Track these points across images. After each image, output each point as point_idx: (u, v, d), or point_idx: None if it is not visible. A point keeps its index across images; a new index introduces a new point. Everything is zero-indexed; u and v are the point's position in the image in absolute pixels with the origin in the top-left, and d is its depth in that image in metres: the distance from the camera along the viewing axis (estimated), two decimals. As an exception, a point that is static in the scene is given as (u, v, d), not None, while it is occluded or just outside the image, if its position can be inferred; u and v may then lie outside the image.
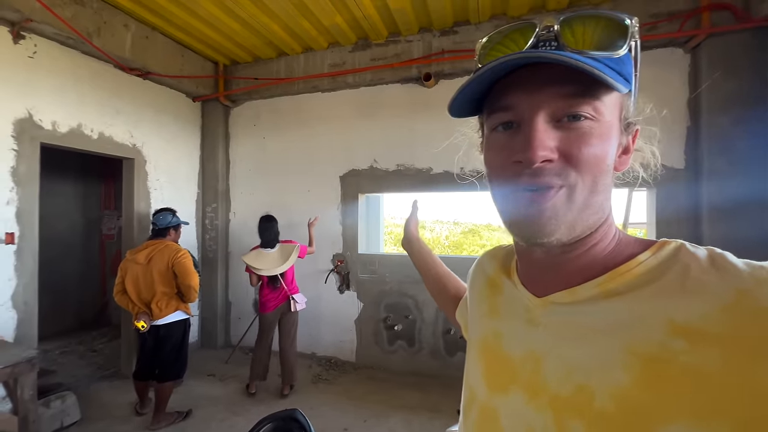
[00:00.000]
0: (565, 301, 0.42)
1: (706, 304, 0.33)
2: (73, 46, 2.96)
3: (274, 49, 3.90)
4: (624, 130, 0.42)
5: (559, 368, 0.40)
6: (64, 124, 2.96)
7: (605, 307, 0.39)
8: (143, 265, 2.56)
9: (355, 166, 3.85)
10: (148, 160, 3.67)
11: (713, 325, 0.32)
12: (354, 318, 3.84)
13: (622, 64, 0.38)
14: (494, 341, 0.49)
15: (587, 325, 0.39)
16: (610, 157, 0.40)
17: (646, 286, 0.37)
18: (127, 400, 3.04)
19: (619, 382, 0.35)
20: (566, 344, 0.40)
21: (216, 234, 4.28)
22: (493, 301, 0.53)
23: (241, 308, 4.30)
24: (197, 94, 4.13)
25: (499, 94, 0.41)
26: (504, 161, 0.41)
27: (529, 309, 0.46)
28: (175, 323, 2.63)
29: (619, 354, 0.36)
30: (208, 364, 3.80)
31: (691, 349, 0.32)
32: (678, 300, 0.34)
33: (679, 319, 0.33)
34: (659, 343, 0.33)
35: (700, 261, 0.36)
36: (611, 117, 0.39)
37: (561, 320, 0.42)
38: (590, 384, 0.37)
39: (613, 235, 0.43)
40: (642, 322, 0.35)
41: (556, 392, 0.40)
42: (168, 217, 2.72)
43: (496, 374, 0.48)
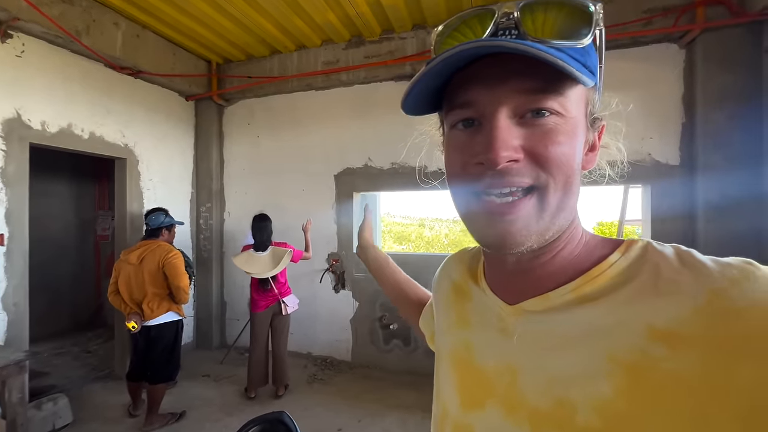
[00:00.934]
0: (538, 308, 0.40)
1: (681, 306, 0.32)
2: (62, 44, 2.92)
3: (267, 47, 3.87)
4: (590, 126, 0.40)
5: (537, 380, 0.38)
6: (54, 123, 2.93)
7: (581, 314, 0.37)
8: (135, 266, 2.53)
9: (350, 164, 3.83)
10: (140, 160, 3.64)
11: (689, 327, 0.31)
12: (349, 317, 3.82)
13: (586, 55, 0.36)
14: (466, 353, 0.47)
15: (564, 334, 0.37)
16: (579, 155, 0.37)
17: (619, 289, 0.36)
18: (120, 402, 3.02)
19: (602, 393, 0.33)
20: (543, 355, 0.38)
21: (210, 234, 4.26)
22: (462, 310, 0.50)
23: (237, 309, 4.28)
24: (190, 92, 4.10)
25: (458, 88, 0.38)
26: (465, 162, 0.38)
27: (502, 318, 0.43)
28: (166, 324, 2.61)
29: (600, 363, 0.34)
30: (203, 364, 3.78)
31: (671, 355, 0.31)
32: (653, 303, 0.33)
33: (658, 324, 0.32)
34: (640, 350, 0.32)
35: (669, 260, 0.35)
36: (577, 112, 0.37)
37: (536, 329, 0.40)
38: (571, 397, 0.35)
39: (580, 236, 0.41)
40: (620, 328, 0.34)
41: (534, 406, 0.38)
42: (160, 217, 2.70)
43: (471, 389, 0.45)
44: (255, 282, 3.02)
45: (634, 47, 2.98)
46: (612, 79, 2.74)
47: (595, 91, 0.40)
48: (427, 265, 3.65)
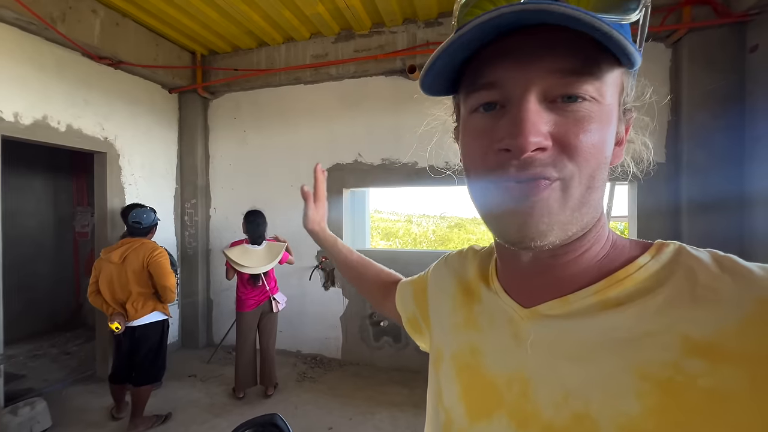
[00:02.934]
0: (556, 312, 0.37)
1: (723, 316, 0.29)
2: (35, 32, 2.77)
3: (254, 39, 3.77)
4: (621, 117, 0.36)
5: (553, 392, 0.35)
6: (27, 115, 2.79)
7: (605, 320, 0.34)
8: (117, 265, 2.44)
9: (340, 160, 3.78)
10: (121, 154, 3.51)
11: (734, 340, 0.28)
12: (339, 315, 3.79)
13: (628, 34, 0.32)
14: (472, 358, 0.44)
15: (585, 342, 0.34)
16: (609, 147, 0.34)
17: (650, 294, 0.32)
18: (102, 405, 2.92)
19: (629, 411, 0.30)
20: (560, 364, 0.35)
21: (196, 231, 4.15)
22: (469, 311, 0.47)
23: (223, 307, 4.20)
24: (173, 85, 3.96)
25: (483, 66, 0.34)
26: (486, 149, 0.34)
27: (515, 321, 0.40)
28: (152, 324, 2.52)
29: (626, 377, 0.31)
30: (189, 364, 3.70)
31: (711, 371, 0.28)
32: (689, 312, 0.30)
33: (695, 335, 0.29)
34: (673, 365, 0.29)
35: (706, 264, 0.32)
36: (612, 99, 0.33)
37: (552, 335, 0.37)
38: (591, 412, 0.32)
39: (607, 237, 0.38)
40: (651, 339, 0.31)
41: (549, 421, 0.35)
42: (151, 215, 2.61)
43: (478, 398, 0.42)
44: (245, 279, 2.94)
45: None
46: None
47: (630, 77, 0.36)
48: (416, 261, 3.64)
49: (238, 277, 2.96)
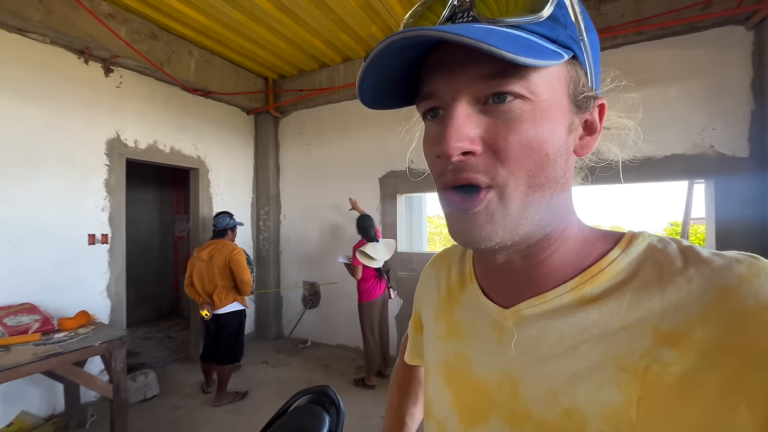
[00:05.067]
0: (536, 311, 0.38)
1: (689, 306, 0.30)
2: (149, 74, 3.46)
3: (317, 62, 4.19)
4: (578, 108, 0.36)
5: (540, 390, 0.35)
6: (144, 141, 3.47)
7: (583, 317, 0.34)
8: (206, 262, 2.93)
9: (393, 167, 4.01)
10: (210, 170, 4.14)
11: (699, 330, 0.29)
12: (394, 314, 3.98)
13: (557, 29, 0.32)
14: (459, 365, 0.44)
15: (566, 338, 0.35)
16: (553, 143, 0.33)
17: (622, 289, 0.34)
18: (195, 380, 3.47)
19: (613, 401, 0.31)
20: (545, 362, 0.36)
21: (269, 234, 4.68)
22: (452, 318, 0.47)
23: (291, 302, 4.65)
24: (250, 107, 4.56)
25: (424, 76, 0.36)
26: (432, 155, 0.36)
27: (497, 323, 0.40)
28: (232, 313, 2.97)
29: (607, 370, 0.32)
30: (263, 352, 4.17)
31: (681, 359, 0.29)
32: (658, 304, 0.31)
33: (664, 326, 0.30)
34: (649, 355, 0.30)
35: (671, 256, 0.33)
36: (551, 94, 0.33)
37: (535, 334, 0.37)
38: (579, 407, 0.33)
39: (577, 231, 0.38)
40: (626, 331, 0.32)
41: (541, 418, 0.35)
42: (226, 219, 3.09)
43: (469, 403, 0.42)
44: (372, 272, 3.31)
45: (691, 33, 2.80)
46: (667, 69, 2.61)
47: (581, 67, 0.35)
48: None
49: (365, 271, 3.32)
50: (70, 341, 2.24)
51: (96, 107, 3.11)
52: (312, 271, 4.50)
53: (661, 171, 2.87)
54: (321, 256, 4.43)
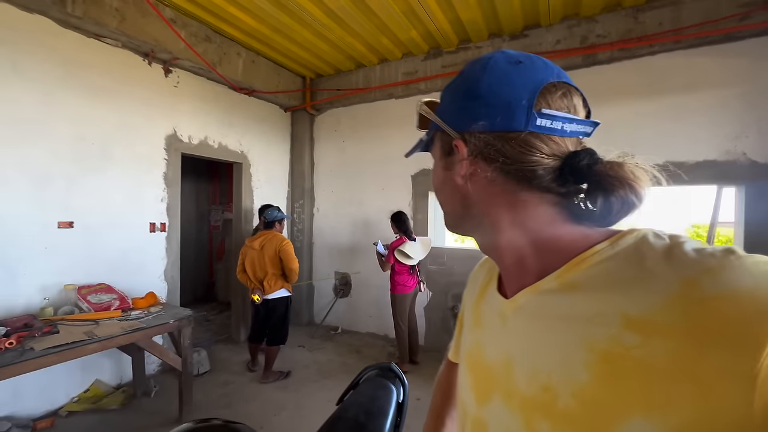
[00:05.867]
0: (528, 299, 0.43)
1: (654, 295, 0.33)
2: (203, 74, 3.70)
3: (354, 63, 4.37)
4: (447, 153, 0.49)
5: (526, 369, 0.40)
6: (196, 137, 3.73)
7: (563, 302, 0.39)
8: (258, 251, 3.18)
9: (426, 166, 4.18)
10: (252, 164, 4.39)
11: (661, 316, 0.32)
12: (423, 305, 4.19)
13: (428, 134, 0.54)
14: (478, 352, 0.50)
15: (547, 322, 0.40)
16: (437, 180, 0.52)
17: (599, 278, 0.37)
18: (240, 359, 3.76)
19: (580, 379, 0.35)
20: (530, 343, 0.41)
21: (303, 226, 4.93)
22: (478, 311, 0.54)
23: (323, 292, 4.90)
24: (288, 105, 4.78)
25: None
26: None
27: (502, 312, 0.46)
28: (280, 298, 3.23)
29: (578, 351, 0.36)
30: (297, 337, 4.44)
31: (642, 343, 0.32)
32: (629, 292, 0.34)
33: (632, 313, 0.33)
34: (614, 338, 0.33)
35: (656, 250, 0.35)
36: (434, 156, 0.53)
37: (526, 319, 0.42)
38: (552, 383, 0.37)
39: (564, 233, 0.42)
40: (598, 316, 0.35)
41: (524, 393, 0.40)
42: (275, 212, 3.32)
43: (481, 384, 0.48)
44: (407, 267, 3.51)
45: (727, 42, 2.87)
46: (703, 77, 2.73)
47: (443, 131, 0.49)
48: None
49: (400, 266, 3.51)
50: (146, 318, 2.52)
51: (156, 105, 3.36)
52: (343, 262, 4.73)
53: (692, 176, 2.97)
54: (352, 249, 4.65)
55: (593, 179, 0.40)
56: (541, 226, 0.43)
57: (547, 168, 0.42)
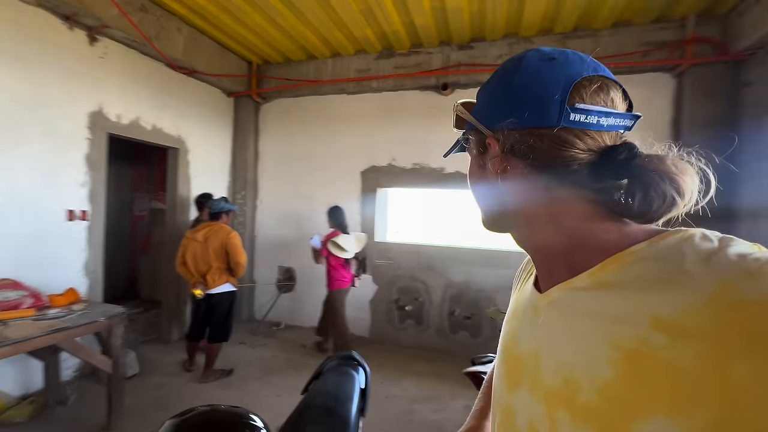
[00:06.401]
0: (561, 294, 0.43)
1: (688, 297, 0.32)
2: (135, 48, 3.34)
3: (305, 53, 4.29)
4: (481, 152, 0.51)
5: (552, 362, 0.41)
6: (126, 116, 3.36)
7: (593, 300, 0.39)
8: (201, 243, 2.99)
9: (375, 162, 4.28)
10: (189, 150, 4.08)
11: (693, 319, 0.31)
12: (369, 299, 4.30)
13: (465, 134, 0.54)
14: (512, 342, 0.51)
15: (576, 318, 0.40)
16: (474, 176, 0.53)
17: (634, 277, 0.37)
18: (173, 360, 3.50)
19: (603, 376, 0.35)
20: (558, 337, 0.41)
21: (244, 219, 4.71)
22: (515, 306, 0.55)
23: (265, 287, 4.75)
24: (232, 90, 4.52)
25: None
26: None
27: (535, 305, 0.47)
28: (225, 293, 3.08)
29: (603, 348, 0.36)
30: (238, 334, 4.24)
31: (670, 345, 0.31)
32: (662, 293, 0.34)
33: (662, 314, 0.33)
34: (641, 338, 0.33)
35: (699, 252, 0.34)
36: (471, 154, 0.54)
37: (556, 314, 0.43)
38: (575, 377, 0.38)
39: (599, 231, 0.42)
40: (627, 316, 0.35)
41: (548, 385, 0.41)
42: (221, 203, 3.15)
43: (512, 373, 0.49)
44: (342, 261, 3.50)
45: (632, 74, 3.43)
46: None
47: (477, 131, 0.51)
48: (439, 255, 4.13)
49: (335, 260, 3.49)
50: (70, 316, 2.24)
51: (78, 78, 2.96)
52: (288, 256, 4.64)
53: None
54: (298, 243, 4.58)
55: (632, 174, 0.39)
56: (577, 222, 0.43)
57: (582, 163, 0.41)
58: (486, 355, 2.12)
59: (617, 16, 3.27)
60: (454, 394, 3.10)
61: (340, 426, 1.34)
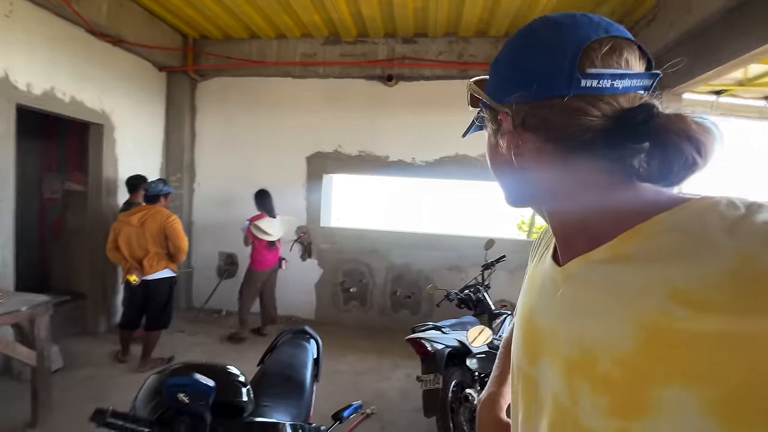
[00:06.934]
0: (579, 267, 0.43)
1: (709, 268, 0.32)
2: (48, 8, 2.97)
3: (248, 31, 4.13)
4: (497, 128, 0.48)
5: (572, 334, 0.41)
6: (38, 86, 3.00)
7: (613, 272, 0.38)
8: (136, 227, 2.83)
9: (321, 149, 4.33)
10: (116, 127, 3.75)
11: (713, 292, 0.31)
12: (314, 282, 4.41)
13: (479, 114, 0.51)
14: (530, 315, 0.51)
15: (595, 291, 0.40)
16: (490, 152, 0.50)
17: (655, 249, 0.36)
18: (102, 352, 3.29)
19: (622, 347, 0.35)
20: (577, 310, 0.41)
21: (180, 203, 4.46)
22: (533, 276, 0.55)
23: (204, 274, 4.59)
24: (165, 65, 4.20)
25: None
26: None
27: (553, 279, 0.47)
28: (163, 279, 2.97)
29: (622, 321, 0.36)
30: (175, 322, 4.06)
31: (690, 316, 0.31)
32: (683, 264, 0.33)
33: (681, 286, 0.32)
34: (660, 310, 0.33)
35: (725, 220, 0.33)
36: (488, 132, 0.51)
37: (575, 287, 0.43)
38: (595, 349, 0.38)
39: (624, 200, 0.41)
40: (647, 288, 0.35)
41: (567, 356, 0.41)
42: (159, 185, 3.00)
43: (532, 345, 0.49)
44: (265, 243, 3.61)
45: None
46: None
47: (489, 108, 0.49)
48: (383, 239, 4.37)
49: (259, 243, 3.60)
50: (-16, 307, 2.04)
51: (-23, 37, 2.58)
52: (228, 242, 4.51)
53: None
54: (239, 228, 4.48)
55: (651, 136, 0.37)
56: (595, 193, 0.42)
57: (598, 131, 0.39)
58: (425, 324, 2.39)
59: (541, 26, 3.68)
60: (395, 365, 3.38)
61: (297, 389, 1.49)
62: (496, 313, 2.83)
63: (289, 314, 4.45)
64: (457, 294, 2.95)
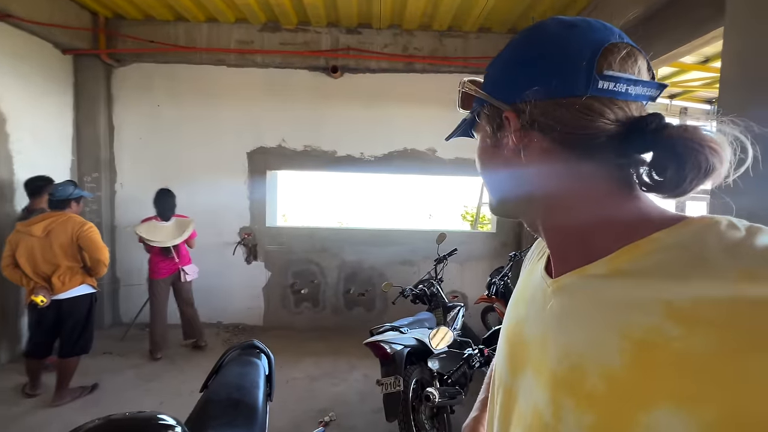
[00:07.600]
0: (572, 280, 0.42)
1: (707, 286, 0.31)
2: None
3: (172, 12, 3.70)
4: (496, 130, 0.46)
5: (559, 347, 0.40)
6: None
7: (607, 286, 0.38)
8: (40, 238, 2.39)
9: (264, 143, 4.05)
10: (7, 119, 3.15)
11: (710, 310, 0.30)
12: (262, 286, 4.15)
13: (474, 110, 0.50)
14: (518, 326, 0.50)
15: (586, 305, 0.39)
16: (485, 155, 0.49)
17: (651, 266, 0.35)
18: (6, 386, 2.78)
19: (610, 364, 0.34)
20: (567, 324, 0.41)
21: (99, 206, 3.92)
22: (524, 287, 0.54)
23: (132, 285, 4.09)
24: (69, 46, 3.61)
25: None
26: None
27: (544, 291, 0.46)
28: (80, 297, 2.56)
29: (613, 336, 0.35)
30: (101, 343, 3.57)
31: (684, 335, 0.30)
32: (678, 281, 0.33)
33: (676, 302, 0.32)
34: (653, 327, 0.32)
35: (723, 241, 0.33)
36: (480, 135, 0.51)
37: (566, 300, 0.42)
38: (583, 364, 0.37)
39: (624, 216, 0.40)
40: (640, 303, 0.34)
41: (554, 370, 0.40)
42: (68, 188, 2.56)
43: (516, 357, 0.48)
44: (157, 250, 3.22)
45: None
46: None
47: (487, 106, 0.47)
48: (333, 237, 4.25)
49: (150, 248, 3.25)
50: None
51: None
52: (161, 247, 4.07)
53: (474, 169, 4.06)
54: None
55: (663, 145, 0.37)
56: (597, 203, 0.41)
57: (608, 136, 0.39)
58: (383, 326, 2.33)
59: (481, 23, 3.76)
60: (351, 366, 3.30)
61: (247, 415, 1.33)
62: (449, 306, 2.88)
63: (235, 322, 4.16)
64: (411, 290, 2.95)
